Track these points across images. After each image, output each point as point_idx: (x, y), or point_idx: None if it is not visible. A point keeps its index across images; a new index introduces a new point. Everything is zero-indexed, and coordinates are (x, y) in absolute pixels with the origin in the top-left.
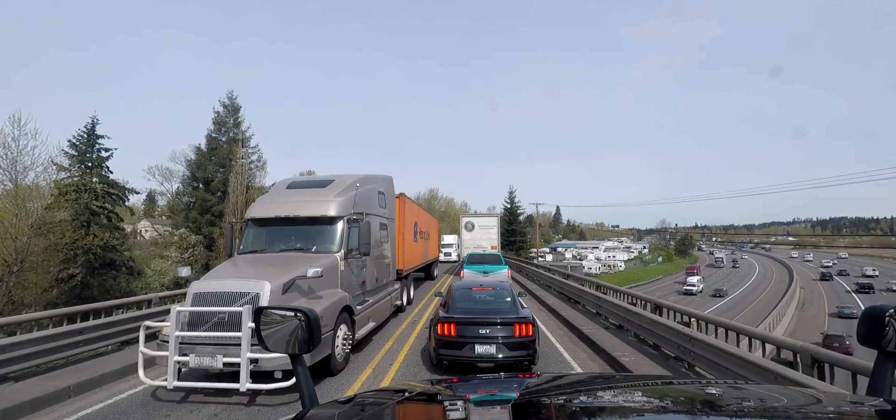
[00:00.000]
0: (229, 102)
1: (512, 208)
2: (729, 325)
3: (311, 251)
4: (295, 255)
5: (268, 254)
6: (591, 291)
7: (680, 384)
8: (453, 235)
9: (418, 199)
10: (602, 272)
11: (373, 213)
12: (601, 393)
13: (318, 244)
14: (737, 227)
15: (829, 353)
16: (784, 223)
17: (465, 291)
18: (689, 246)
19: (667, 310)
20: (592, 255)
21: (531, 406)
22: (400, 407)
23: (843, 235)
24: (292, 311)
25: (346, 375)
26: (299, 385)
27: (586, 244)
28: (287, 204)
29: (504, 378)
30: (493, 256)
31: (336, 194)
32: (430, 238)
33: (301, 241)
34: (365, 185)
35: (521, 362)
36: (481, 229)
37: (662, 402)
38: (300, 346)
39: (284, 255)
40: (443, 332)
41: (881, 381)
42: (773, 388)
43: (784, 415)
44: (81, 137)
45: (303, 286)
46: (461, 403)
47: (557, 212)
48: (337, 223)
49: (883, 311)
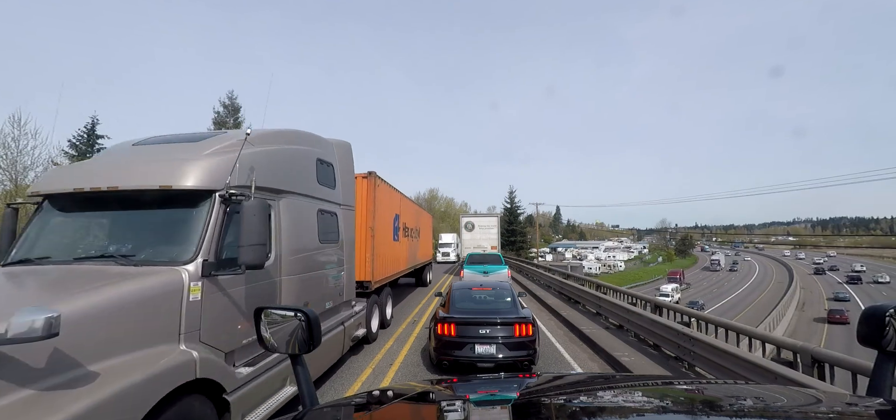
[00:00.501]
0: (229, 102)
1: (512, 208)
2: (729, 324)
3: (131, 261)
4: (87, 272)
5: (45, 267)
6: (591, 291)
7: (680, 384)
8: (452, 234)
9: (418, 198)
10: (602, 272)
11: (296, 192)
12: (601, 393)
13: (153, 245)
14: (737, 227)
15: (829, 352)
16: (784, 223)
17: (465, 291)
18: (690, 246)
19: (667, 310)
20: (592, 255)
21: (531, 406)
22: (400, 407)
23: (843, 235)
24: (292, 311)
25: (347, 375)
26: (299, 385)
27: (586, 244)
28: (115, 170)
29: (504, 378)
30: (493, 256)
31: (205, 155)
32: (422, 236)
33: (130, 237)
34: (273, 143)
35: (521, 362)
36: (481, 229)
37: (662, 402)
38: (300, 346)
39: (65, 272)
40: (443, 331)
41: (881, 381)
42: (773, 388)
43: (784, 415)
44: (81, 137)
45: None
46: (461, 403)
47: (557, 212)
48: (198, 204)
49: (883, 311)
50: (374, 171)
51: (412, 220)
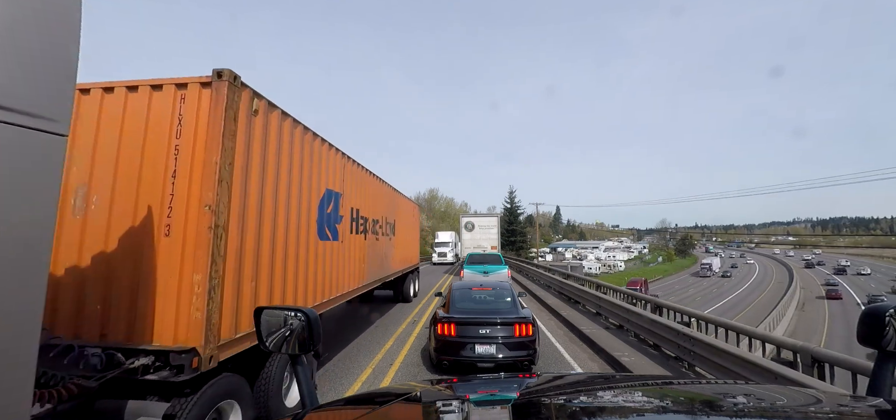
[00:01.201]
0: None
1: (512, 208)
2: (729, 324)
3: None
4: None
5: None
6: (591, 291)
7: (680, 384)
8: (449, 233)
9: (418, 198)
10: (602, 272)
11: None
12: (601, 393)
13: None
14: (737, 227)
15: (829, 352)
16: (784, 223)
17: (465, 291)
18: (690, 246)
19: (667, 310)
20: (592, 255)
21: (531, 406)
22: (399, 407)
23: (842, 235)
24: (292, 311)
25: (347, 375)
26: (299, 385)
27: (586, 244)
28: None
29: (504, 378)
30: (493, 256)
31: None
32: (402, 235)
33: None
34: None
35: (521, 362)
36: (481, 229)
37: (662, 402)
38: (300, 345)
39: None
40: (443, 332)
41: (881, 381)
42: (773, 388)
43: (784, 415)
44: None
45: None
46: (461, 403)
47: (557, 212)
48: None
49: (883, 311)
50: (233, 74)
51: (379, 207)
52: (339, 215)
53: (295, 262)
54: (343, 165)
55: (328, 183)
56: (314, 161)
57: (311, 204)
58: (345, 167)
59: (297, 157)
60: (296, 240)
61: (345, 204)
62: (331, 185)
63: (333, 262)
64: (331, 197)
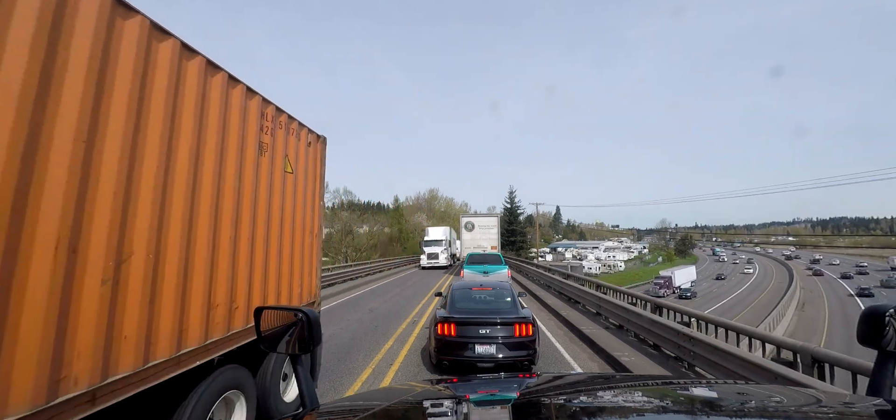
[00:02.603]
0: None
1: (512, 208)
2: (729, 324)
3: None
4: None
5: None
6: (591, 291)
7: (680, 384)
8: (442, 229)
9: (418, 198)
10: (602, 272)
11: None
12: (601, 393)
13: None
14: (737, 227)
15: (829, 352)
16: (784, 223)
17: (465, 291)
18: (690, 246)
19: (667, 310)
20: (592, 255)
21: (531, 406)
22: (399, 407)
23: (842, 235)
24: (292, 311)
25: (347, 376)
26: (299, 385)
27: (586, 244)
28: None
29: (504, 378)
30: (493, 256)
31: None
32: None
33: None
34: None
35: (521, 362)
36: (481, 229)
37: (662, 402)
38: (300, 345)
39: None
40: (443, 332)
41: (881, 381)
42: (773, 388)
43: (784, 415)
44: None
45: None
46: (461, 403)
47: (557, 212)
48: None
49: (883, 311)
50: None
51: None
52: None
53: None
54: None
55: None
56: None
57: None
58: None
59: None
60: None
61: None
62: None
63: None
64: None
